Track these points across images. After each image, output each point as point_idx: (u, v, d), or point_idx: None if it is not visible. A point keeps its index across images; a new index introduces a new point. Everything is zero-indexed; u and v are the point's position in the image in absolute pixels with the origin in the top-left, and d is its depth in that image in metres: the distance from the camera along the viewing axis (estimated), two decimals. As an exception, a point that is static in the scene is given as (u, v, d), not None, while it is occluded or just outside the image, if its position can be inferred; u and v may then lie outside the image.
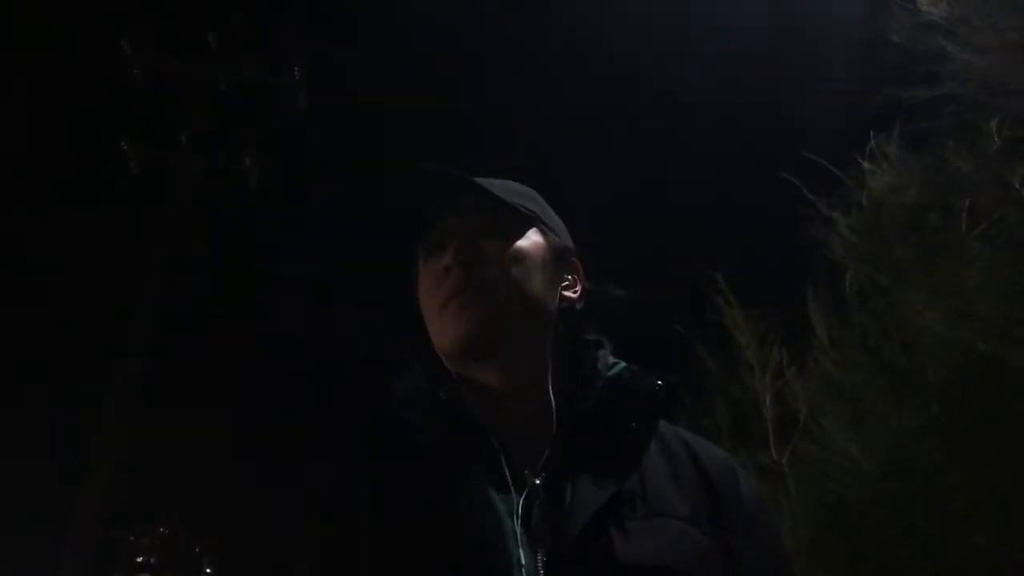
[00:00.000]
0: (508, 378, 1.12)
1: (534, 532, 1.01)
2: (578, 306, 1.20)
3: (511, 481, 1.05)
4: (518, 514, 1.02)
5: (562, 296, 1.19)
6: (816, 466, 3.33)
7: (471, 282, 1.11)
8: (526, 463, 1.07)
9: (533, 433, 1.10)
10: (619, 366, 1.18)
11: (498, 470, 1.05)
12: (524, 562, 0.98)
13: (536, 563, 0.99)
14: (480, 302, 1.10)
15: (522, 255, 1.14)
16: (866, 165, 3.69)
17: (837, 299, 3.71)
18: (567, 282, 1.21)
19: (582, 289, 1.22)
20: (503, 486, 1.04)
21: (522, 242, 1.15)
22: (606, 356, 1.19)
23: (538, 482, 1.05)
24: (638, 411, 1.13)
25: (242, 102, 12.70)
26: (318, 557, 1.07)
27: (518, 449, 1.08)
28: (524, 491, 1.04)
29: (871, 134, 3.74)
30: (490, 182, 1.16)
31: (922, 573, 2.83)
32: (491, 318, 1.10)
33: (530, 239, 1.16)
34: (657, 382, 1.15)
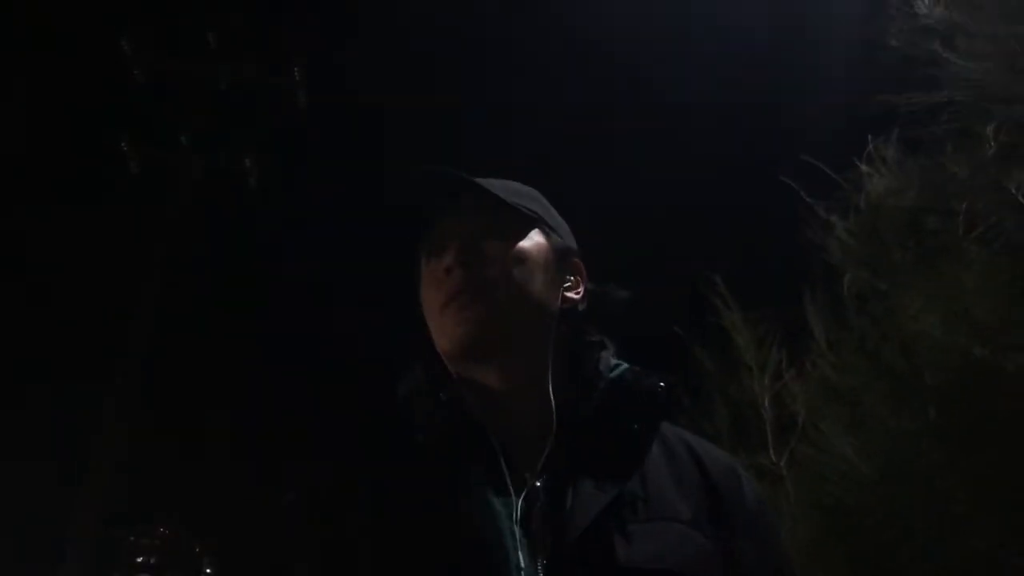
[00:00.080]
0: (509, 379, 1.12)
1: (534, 534, 1.00)
2: (580, 307, 1.20)
3: (511, 483, 1.04)
4: (517, 516, 1.02)
5: (564, 297, 1.18)
6: (814, 469, 3.34)
7: (472, 282, 1.10)
8: (526, 464, 1.06)
9: (533, 434, 1.09)
10: (621, 367, 1.17)
11: (497, 471, 1.05)
12: (523, 565, 0.98)
13: (536, 566, 0.98)
14: (481, 303, 1.09)
15: (523, 255, 1.14)
16: (864, 168, 3.69)
17: (835, 302, 3.72)
18: (569, 283, 1.20)
19: (585, 290, 1.21)
20: (502, 487, 1.04)
21: (524, 243, 1.15)
22: (608, 357, 1.18)
23: (538, 484, 1.04)
24: (640, 412, 1.12)
25: (242, 102, 12.72)
26: (318, 557, 1.07)
27: (518, 450, 1.08)
28: (523, 493, 1.04)
29: (869, 137, 3.74)
30: (492, 182, 1.16)
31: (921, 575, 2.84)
32: (491, 319, 1.09)
33: (532, 240, 1.16)
34: (659, 383, 1.14)
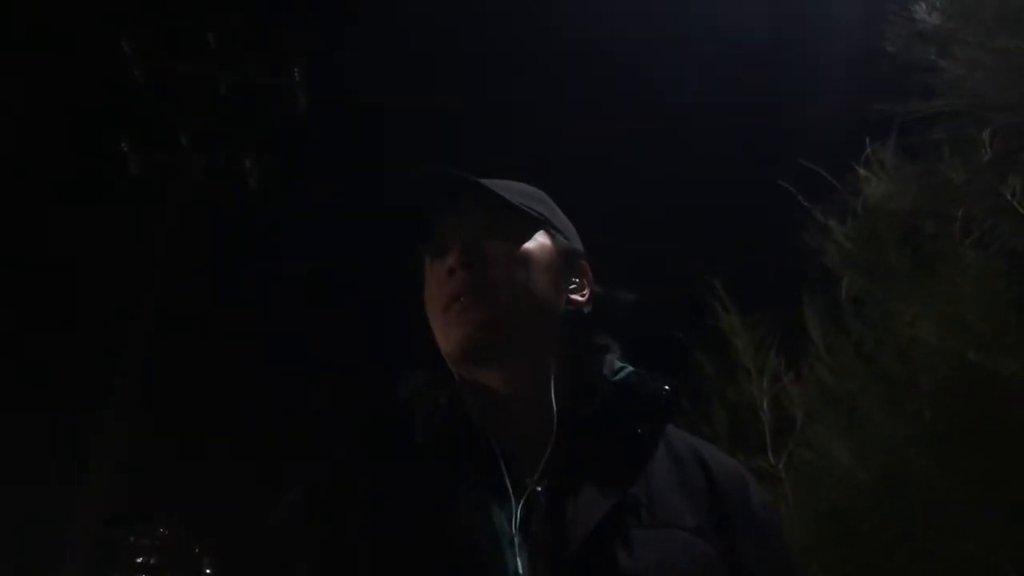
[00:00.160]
0: (511, 381, 1.11)
1: (533, 541, 0.99)
2: (586, 310, 1.18)
3: (511, 487, 1.02)
4: (517, 522, 1.00)
5: (569, 299, 1.17)
6: (811, 472, 3.35)
7: (474, 284, 1.09)
8: (527, 469, 1.05)
9: (536, 438, 1.07)
10: (626, 370, 1.16)
11: (497, 476, 1.03)
12: (522, 572, 0.96)
13: (535, 573, 0.96)
14: (483, 304, 1.08)
15: (528, 257, 1.13)
16: (862, 172, 3.70)
17: (833, 306, 3.73)
18: (575, 285, 1.19)
19: (590, 293, 1.20)
20: (502, 492, 1.02)
21: (528, 244, 1.14)
22: (612, 360, 1.17)
23: (539, 489, 1.02)
24: (644, 416, 1.10)
25: (242, 102, 12.71)
26: (317, 558, 1.06)
27: (520, 455, 1.06)
28: (524, 498, 1.02)
29: (867, 141, 3.75)
30: (497, 183, 1.15)
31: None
32: (494, 320, 1.08)
33: (536, 241, 1.15)
34: (664, 387, 1.13)
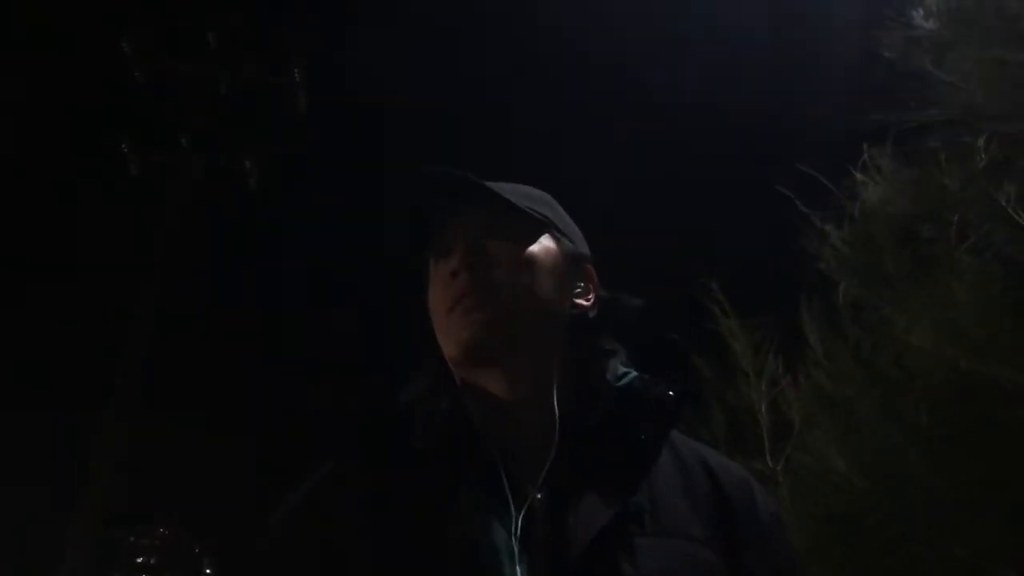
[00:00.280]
0: (513, 386, 1.09)
1: (533, 550, 0.97)
2: (591, 314, 1.17)
3: (511, 495, 1.01)
4: (517, 531, 0.98)
5: (574, 303, 1.16)
6: (808, 477, 3.37)
7: (477, 285, 1.08)
8: (528, 477, 1.03)
9: (538, 445, 1.05)
10: (630, 376, 1.14)
11: (497, 484, 1.02)
12: None
13: None
14: (485, 306, 1.08)
15: (532, 260, 1.12)
16: (859, 177, 3.71)
17: (830, 310, 3.74)
18: (580, 289, 1.18)
19: (596, 297, 1.19)
20: (502, 500, 1.00)
21: (533, 247, 1.13)
22: (616, 365, 1.15)
23: (539, 496, 1.01)
24: (648, 422, 1.08)
25: (242, 103, 12.72)
26: (315, 564, 1.05)
27: (521, 462, 1.04)
28: (524, 506, 1.00)
29: (864, 146, 3.76)
30: (503, 186, 1.14)
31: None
32: (496, 322, 1.07)
33: (541, 244, 1.14)
34: (668, 392, 1.11)
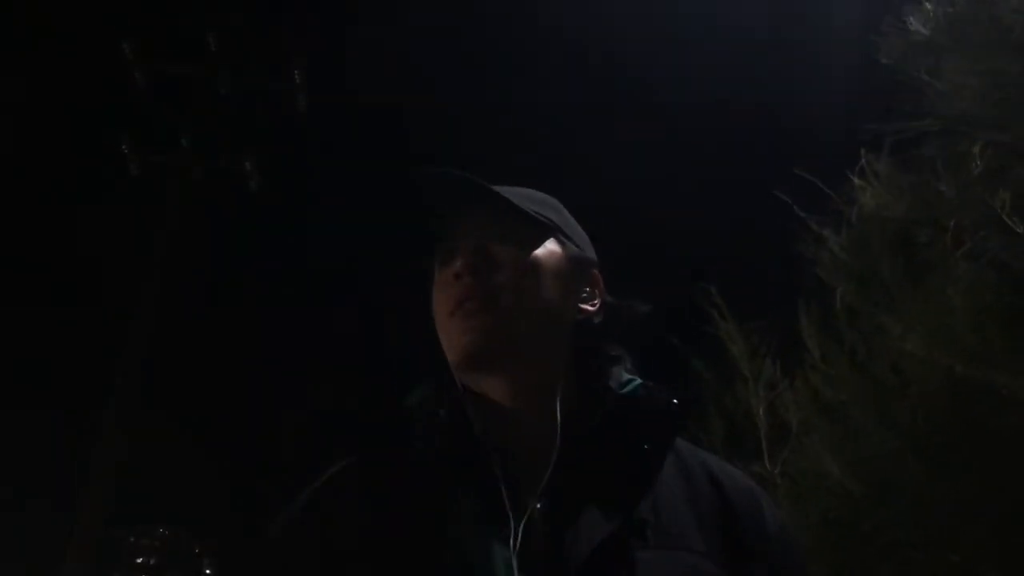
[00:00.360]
0: (515, 392, 1.08)
1: (532, 563, 0.95)
2: (596, 319, 1.15)
3: (509, 505, 0.98)
4: (515, 543, 0.96)
5: (579, 309, 1.15)
6: (804, 482, 3.38)
7: (480, 289, 1.07)
8: (528, 487, 1.01)
9: (538, 453, 1.03)
10: (634, 383, 1.12)
11: (496, 493, 0.99)
12: None
13: None
14: (487, 310, 1.06)
15: (536, 264, 1.10)
16: (857, 181, 3.72)
17: (828, 315, 3.75)
18: (585, 294, 1.16)
19: (602, 303, 1.17)
20: (500, 510, 0.98)
21: (538, 251, 1.11)
22: (620, 372, 1.13)
23: (538, 507, 0.99)
24: (651, 430, 1.06)
25: (242, 103, 12.74)
26: (315, 564, 1.04)
27: (521, 471, 1.02)
28: (523, 518, 0.98)
29: (862, 151, 3.77)
30: (509, 190, 1.13)
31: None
32: (498, 327, 1.05)
33: (546, 248, 1.12)
34: (673, 399, 1.09)
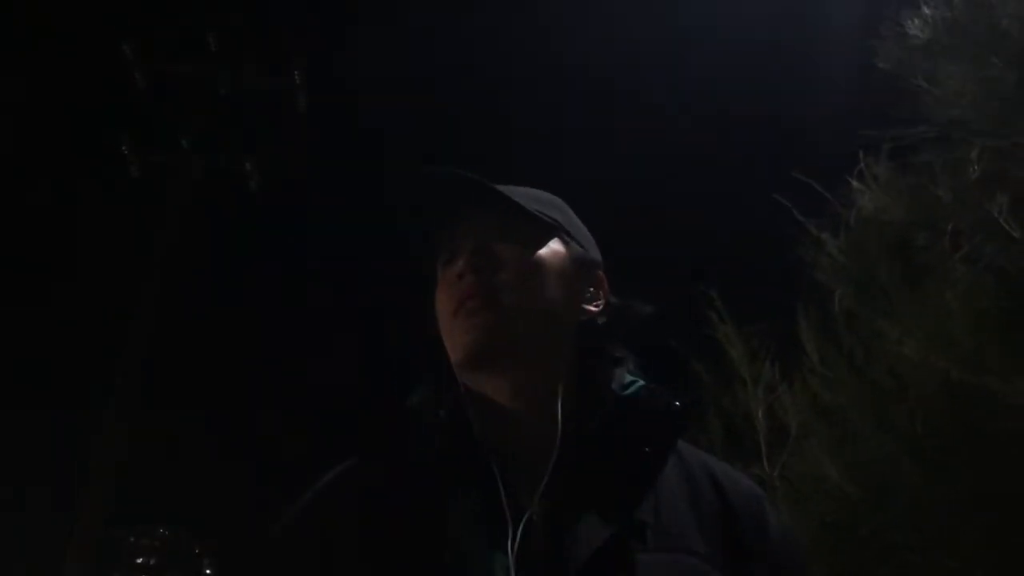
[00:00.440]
0: (516, 393, 1.06)
1: (530, 567, 0.94)
2: (600, 320, 1.14)
3: (508, 508, 0.97)
4: (513, 547, 0.95)
5: (583, 309, 1.13)
6: (803, 484, 3.39)
7: (482, 288, 1.06)
8: (528, 489, 1.00)
9: (538, 455, 1.02)
10: (636, 385, 1.10)
11: (495, 495, 0.99)
12: None
13: None
14: (489, 308, 1.05)
15: (539, 263, 1.09)
16: (856, 185, 3.73)
17: (826, 318, 3.76)
18: (589, 295, 1.15)
19: (606, 304, 1.16)
20: (499, 513, 0.97)
21: (541, 251, 1.10)
22: (622, 374, 1.11)
23: (538, 510, 0.98)
24: (652, 433, 1.05)
25: (242, 103, 12.75)
26: (314, 564, 1.04)
27: (520, 473, 1.01)
28: (522, 521, 0.97)
29: (860, 155, 3.78)
30: (512, 189, 1.12)
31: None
32: (500, 326, 1.05)
33: (550, 248, 1.11)
34: (675, 402, 1.08)
